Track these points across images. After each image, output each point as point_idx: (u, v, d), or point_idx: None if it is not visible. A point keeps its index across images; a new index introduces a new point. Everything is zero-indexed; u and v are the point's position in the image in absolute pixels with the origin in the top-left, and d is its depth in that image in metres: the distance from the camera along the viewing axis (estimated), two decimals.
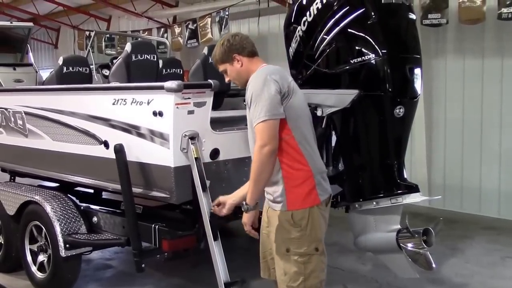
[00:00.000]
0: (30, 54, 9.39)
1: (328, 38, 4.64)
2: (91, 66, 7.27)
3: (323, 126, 4.83)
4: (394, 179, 4.68)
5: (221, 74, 3.94)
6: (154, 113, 4.76)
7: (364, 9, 4.60)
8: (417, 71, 4.70)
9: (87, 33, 16.10)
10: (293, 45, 4.97)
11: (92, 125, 5.44)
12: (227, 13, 12.40)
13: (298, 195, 3.65)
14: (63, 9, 16.81)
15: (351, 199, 4.89)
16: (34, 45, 19.05)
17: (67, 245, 5.48)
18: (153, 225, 5.09)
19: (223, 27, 12.48)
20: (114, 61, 6.86)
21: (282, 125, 3.61)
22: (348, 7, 4.63)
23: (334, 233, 7.81)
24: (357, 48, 4.59)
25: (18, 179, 7.47)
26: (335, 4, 4.66)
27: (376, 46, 4.53)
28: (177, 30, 13.83)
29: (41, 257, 5.97)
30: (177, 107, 4.64)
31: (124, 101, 5.06)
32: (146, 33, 14.33)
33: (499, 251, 7.17)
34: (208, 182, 4.68)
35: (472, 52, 8.92)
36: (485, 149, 8.87)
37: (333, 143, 5.22)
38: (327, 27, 4.64)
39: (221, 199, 3.99)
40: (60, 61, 6.76)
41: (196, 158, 4.63)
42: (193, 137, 4.66)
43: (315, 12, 4.76)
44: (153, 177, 4.98)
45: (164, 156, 4.76)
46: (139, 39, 10.20)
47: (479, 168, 8.95)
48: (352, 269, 6.52)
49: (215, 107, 5.34)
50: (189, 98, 4.69)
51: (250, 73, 3.78)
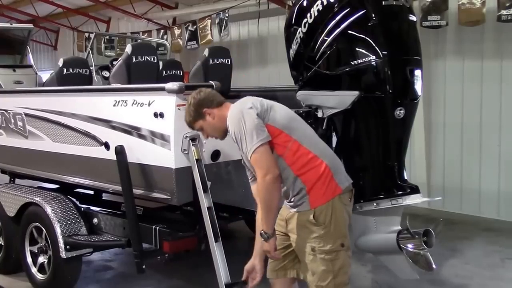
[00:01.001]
0: (30, 56, 9.39)
1: (329, 40, 4.63)
2: (91, 68, 7.28)
3: (324, 128, 4.82)
4: (395, 180, 4.68)
5: (222, 76, 3.95)
6: (155, 115, 4.77)
7: (365, 11, 4.59)
8: (418, 73, 4.70)
9: (87, 35, 16.13)
10: (294, 47, 4.97)
11: (93, 127, 5.44)
12: (227, 15, 12.42)
13: (319, 190, 3.63)
14: (63, 11, 16.85)
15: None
16: (33, 47, 19.04)
17: (68, 247, 5.48)
18: (154, 227, 5.10)
19: (223, 29, 12.49)
20: (114, 63, 6.88)
21: (279, 135, 3.64)
22: (349, 9, 4.62)
23: None
24: (358, 50, 4.58)
25: (18, 181, 7.47)
26: (336, 6, 4.65)
27: (377, 48, 4.52)
28: (177, 32, 13.83)
29: (42, 259, 5.96)
30: (178, 108, 4.65)
31: (125, 103, 5.07)
32: (146, 35, 14.35)
33: (499, 253, 7.18)
34: (209, 184, 4.69)
35: (472, 54, 8.93)
36: (485, 151, 8.88)
37: (334, 145, 5.22)
38: (328, 29, 4.63)
39: (248, 268, 3.94)
40: (60, 63, 6.76)
41: (197, 160, 4.63)
42: (194, 139, 4.66)
43: (316, 14, 4.76)
44: (154, 179, 4.98)
45: (165, 158, 4.77)
46: (139, 41, 10.20)
47: (479, 170, 8.96)
48: (353, 270, 6.43)
49: None
50: None
51: (225, 120, 3.80)
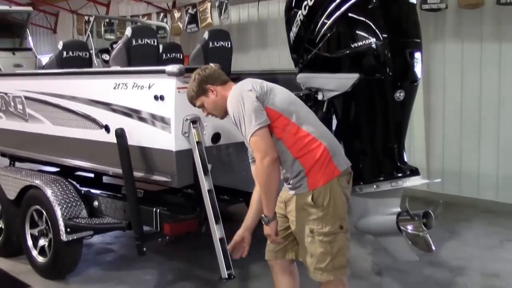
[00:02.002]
0: (30, 39, 9.35)
1: (329, 23, 4.62)
2: (91, 51, 7.26)
3: (324, 110, 4.82)
4: (395, 163, 4.70)
5: (222, 59, 3.95)
6: (156, 97, 4.77)
7: None
8: (417, 55, 4.70)
9: (86, 18, 16.03)
10: (294, 30, 4.96)
11: (93, 110, 5.44)
12: None
13: (317, 172, 3.64)
14: None
15: (352, 183, 4.91)
16: (33, 30, 18.93)
17: (68, 229, 5.50)
18: (155, 209, 5.11)
19: (223, 12, 12.43)
20: (114, 46, 6.86)
21: (279, 119, 3.65)
22: None
23: None
24: (358, 33, 4.58)
25: (18, 164, 7.49)
26: None
27: (377, 31, 4.52)
28: (177, 15, 13.77)
29: (42, 242, 5.99)
30: (179, 91, 4.64)
31: (125, 85, 5.07)
32: (146, 18, 14.28)
33: (497, 234, 7.22)
34: (210, 166, 4.70)
35: (471, 37, 8.91)
36: (484, 133, 8.90)
37: (334, 127, 5.23)
38: (328, 11, 4.62)
39: (237, 239, 4.01)
40: (60, 46, 6.74)
41: (198, 142, 4.64)
42: (195, 121, 4.67)
43: None
44: (155, 161, 4.99)
45: (166, 140, 4.78)
46: (139, 24, 10.17)
47: (478, 152, 8.98)
48: (352, 252, 6.46)
49: None
50: None
51: (226, 97, 3.83)
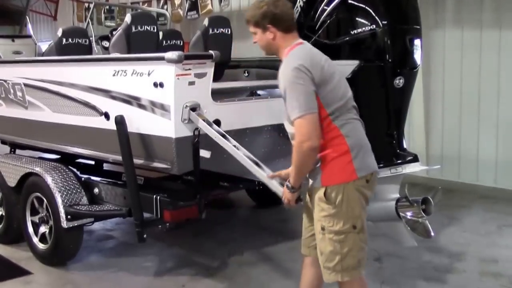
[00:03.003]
0: (29, 26, 9.34)
1: (329, 9, 4.63)
2: (91, 38, 7.24)
3: None
4: (394, 149, 4.72)
5: (222, 46, 3.91)
6: (155, 84, 4.76)
7: None
8: (417, 42, 4.71)
9: (86, 5, 15.95)
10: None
11: (93, 97, 5.43)
12: None
13: (333, 170, 3.48)
14: None
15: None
16: (33, 17, 18.89)
17: (69, 216, 5.51)
18: (155, 196, 5.12)
19: None
20: (114, 33, 6.84)
21: (321, 110, 3.44)
22: None
23: None
24: (358, 19, 4.59)
25: (19, 151, 7.50)
26: None
27: (377, 17, 4.53)
28: (177, 2, 13.71)
29: (43, 229, 6.01)
30: (178, 78, 4.64)
31: (125, 72, 5.06)
32: (146, 5, 14.23)
33: (496, 220, 7.25)
34: (209, 153, 4.71)
35: (471, 23, 8.89)
36: (483, 120, 8.90)
37: None
38: None
39: (283, 175, 3.81)
40: (60, 33, 6.71)
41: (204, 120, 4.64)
42: (194, 108, 4.67)
43: None
44: (154, 148, 5.00)
45: (165, 127, 4.77)
46: (139, 11, 10.14)
47: (477, 138, 8.99)
48: None
49: (216, 79, 5.34)
50: (190, 69, 4.68)
51: (281, 49, 3.60)
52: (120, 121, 4.84)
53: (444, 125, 9.40)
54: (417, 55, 4.73)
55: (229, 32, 6.57)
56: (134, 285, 5.55)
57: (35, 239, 6.09)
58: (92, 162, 6.88)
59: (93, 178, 6.07)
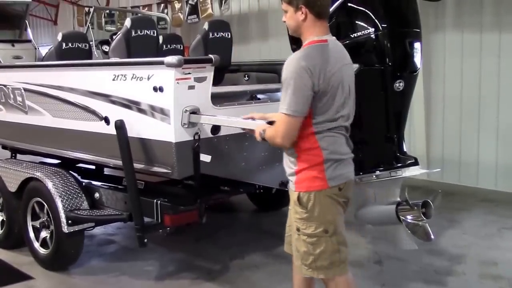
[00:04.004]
0: (29, 31, 9.33)
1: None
2: (91, 42, 7.25)
3: None
4: (394, 153, 4.72)
5: (222, 50, 3.89)
6: (155, 89, 4.76)
7: None
8: (417, 45, 4.71)
9: (87, 9, 16.01)
10: None
11: (92, 101, 5.43)
12: None
13: (306, 178, 3.55)
14: None
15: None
16: (34, 22, 18.93)
17: (70, 221, 5.51)
18: (155, 201, 5.13)
19: (223, 3, 12.42)
20: (114, 37, 6.85)
21: (308, 118, 3.46)
22: None
23: None
24: (357, 23, 4.59)
25: (20, 156, 7.50)
26: None
27: (376, 21, 4.53)
28: (177, 6, 13.75)
29: (44, 233, 6.00)
30: (178, 82, 4.63)
31: (124, 77, 5.05)
32: (146, 9, 14.26)
33: (496, 223, 7.23)
34: (209, 157, 4.71)
35: (471, 27, 8.90)
36: (483, 123, 8.90)
37: None
38: None
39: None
40: (59, 37, 6.72)
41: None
42: (194, 112, 4.67)
43: None
44: (154, 153, 4.99)
45: (165, 132, 4.77)
46: (139, 15, 10.15)
47: (477, 142, 8.99)
48: (353, 242, 6.49)
49: (216, 83, 5.35)
50: (190, 73, 4.67)
51: (305, 34, 3.53)
52: (120, 126, 4.84)
53: (445, 128, 9.40)
54: (417, 59, 4.72)
55: (229, 36, 6.58)
56: None
57: (36, 244, 6.08)
58: (93, 167, 6.88)
59: (94, 183, 6.08)
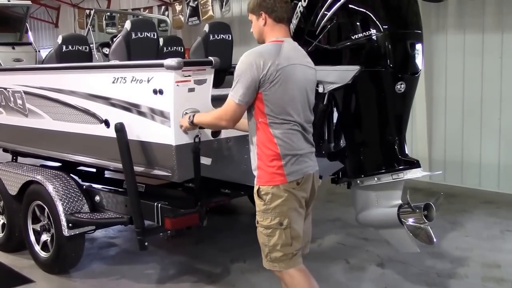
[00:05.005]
0: (29, 33, 9.33)
1: (329, 14, 4.60)
2: (91, 45, 7.23)
3: (325, 103, 4.81)
4: (395, 155, 4.68)
5: (223, 52, 3.91)
6: (154, 91, 4.74)
7: None
8: (418, 47, 4.67)
9: (88, 12, 15.99)
10: (294, 22, 4.93)
11: (92, 104, 5.42)
12: None
13: (265, 173, 3.78)
14: None
15: (353, 175, 4.89)
16: (35, 24, 18.94)
17: (70, 224, 5.50)
18: (156, 204, 5.10)
19: (224, 4, 12.43)
20: (114, 40, 6.84)
21: (259, 107, 3.73)
22: None
23: (336, 209, 7.90)
24: (358, 24, 4.55)
25: (21, 159, 7.49)
26: None
27: (377, 22, 4.49)
28: (178, 8, 13.76)
29: (44, 237, 5.99)
30: (177, 85, 4.62)
31: (124, 79, 5.04)
32: (147, 11, 14.27)
33: (499, 225, 7.22)
34: (210, 160, 4.69)
35: (473, 27, 8.89)
36: (485, 124, 8.89)
37: (335, 120, 5.22)
38: (328, 3, 4.58)
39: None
40: (60, 40, 6.71)
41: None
42: (194, 115, 4.65)
43: None
44: (155, 156, 4.98)
45: (165, 134, 4.75)
46: (139, 17, 10.15)
47: (479, 143, 8.97)
48: (354, 245, 6.56)
49: (217, 85, 5.32)
50: (190, 76, 4.66)
51: (265, 38, 3.88)
52: (120, 129, 4.83)
53: (447, 130, 9.39)
54: (419, 60, 4.68)
55: (230, 38, 6.56)
56: None
57: (37, 247, 6.08)
58: (93, 170, 6.87)
59: (94, 186, 6.06)
